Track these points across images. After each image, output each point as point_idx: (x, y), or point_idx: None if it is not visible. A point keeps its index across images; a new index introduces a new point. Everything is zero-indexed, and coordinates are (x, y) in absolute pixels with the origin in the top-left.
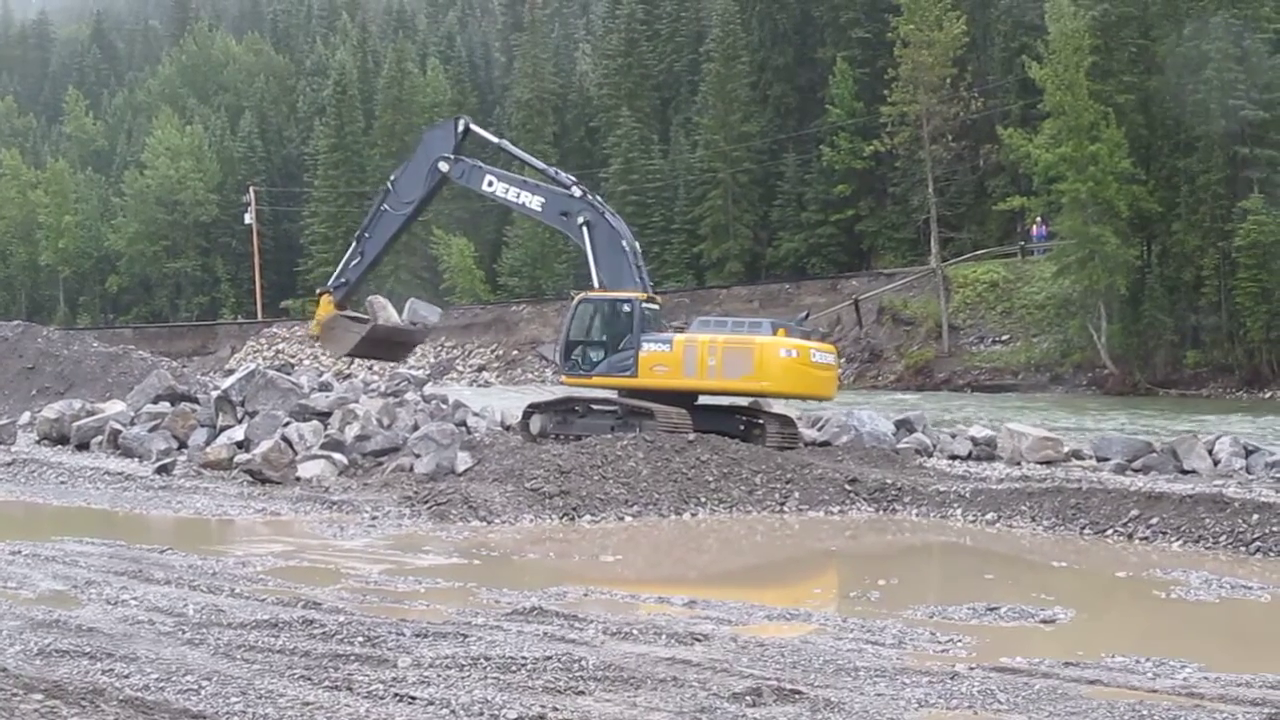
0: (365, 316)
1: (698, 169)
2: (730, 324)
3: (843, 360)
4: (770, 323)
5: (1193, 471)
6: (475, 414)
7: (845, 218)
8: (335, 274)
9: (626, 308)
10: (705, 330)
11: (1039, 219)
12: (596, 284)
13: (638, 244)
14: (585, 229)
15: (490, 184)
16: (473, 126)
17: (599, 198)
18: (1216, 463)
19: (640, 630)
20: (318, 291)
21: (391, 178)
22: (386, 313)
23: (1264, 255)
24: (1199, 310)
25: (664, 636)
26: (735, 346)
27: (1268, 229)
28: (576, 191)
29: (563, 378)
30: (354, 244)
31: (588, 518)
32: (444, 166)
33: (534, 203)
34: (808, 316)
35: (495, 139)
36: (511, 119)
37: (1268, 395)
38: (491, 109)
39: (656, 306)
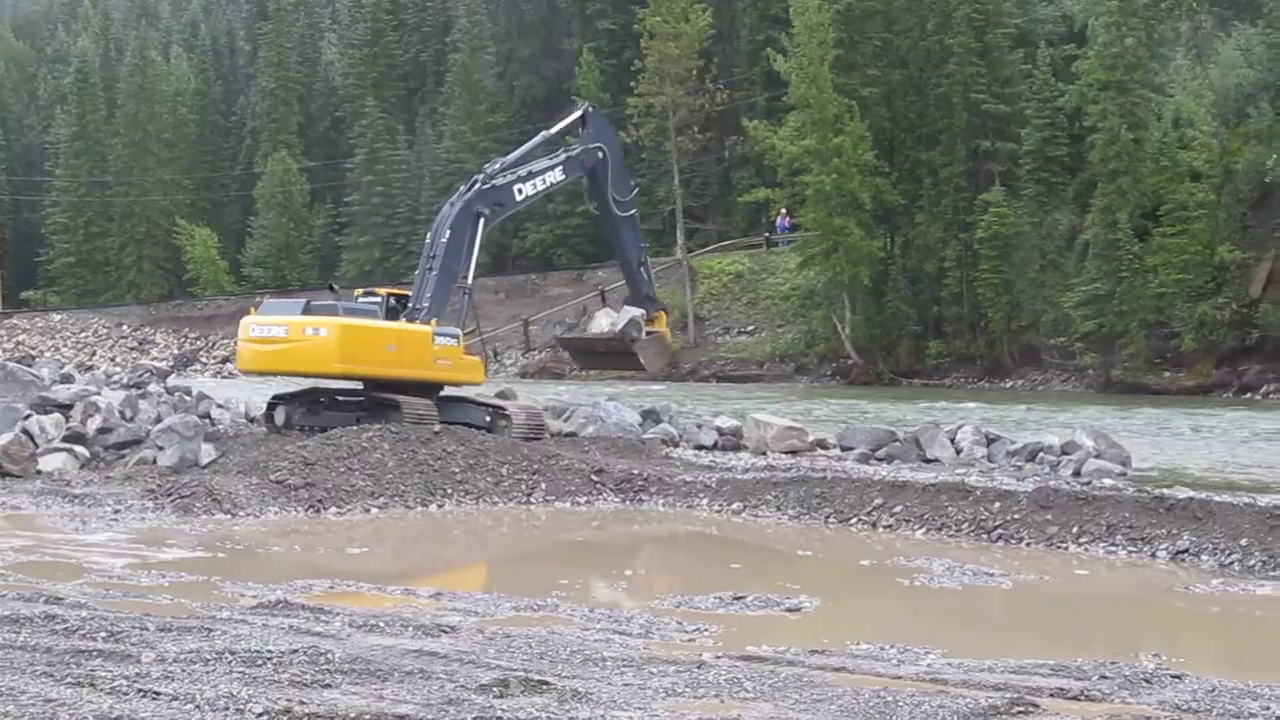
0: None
1: (444, 159)
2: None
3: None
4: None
5: (935, 460)
6: (219, 406)
7: (591, 208)
8: None
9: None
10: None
11: (783, 211)
12: None
13: (437, 236)
14: None
15: None
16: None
17: (480, 187)
18: (959, 451)
19: (387, 623)
20: None
21: None
22: (594, 321)
23: (1004, 247)
24: (941, 301)
25: (411, 629)
26: None
27: (1008, 221)
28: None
29: None
30: None
31: (333, 510)
32: None
33: None
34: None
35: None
36: (256, 108)
37: (1009, 385)
38: (236, 98)
39: (374, 300)
